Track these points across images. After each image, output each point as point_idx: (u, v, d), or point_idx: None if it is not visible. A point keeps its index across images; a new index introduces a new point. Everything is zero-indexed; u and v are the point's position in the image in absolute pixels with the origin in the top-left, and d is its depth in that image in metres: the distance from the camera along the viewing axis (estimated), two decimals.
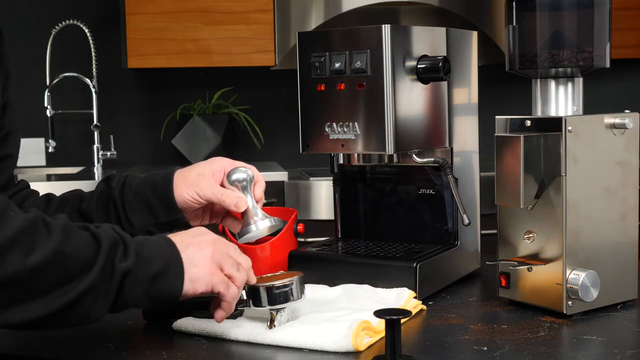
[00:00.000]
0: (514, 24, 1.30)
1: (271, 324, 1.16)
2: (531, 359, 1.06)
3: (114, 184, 1.30)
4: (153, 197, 1.28)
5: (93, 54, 3.52)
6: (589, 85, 1.48)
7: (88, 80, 3.49)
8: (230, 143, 3.54)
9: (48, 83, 3.48)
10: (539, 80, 1.31)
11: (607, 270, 1.27)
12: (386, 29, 1.33)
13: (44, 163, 3.72)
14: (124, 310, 1.04)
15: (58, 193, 1.38)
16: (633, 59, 3.62)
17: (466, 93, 1.51)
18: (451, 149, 1.48)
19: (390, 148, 1.34)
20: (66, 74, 3.47)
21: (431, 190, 1.50)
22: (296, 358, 1.09)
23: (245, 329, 1.16)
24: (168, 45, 3.36)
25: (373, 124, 1.35)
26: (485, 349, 1.10)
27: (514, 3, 1.30)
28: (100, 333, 1.21)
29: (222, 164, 1.30)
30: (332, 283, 1.37)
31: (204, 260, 1.08)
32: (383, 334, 1.08)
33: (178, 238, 1.08)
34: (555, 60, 1.27)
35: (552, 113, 1.30)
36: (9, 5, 3.66)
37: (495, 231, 1.34)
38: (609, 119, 1.28)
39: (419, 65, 1.38)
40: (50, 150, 3.48)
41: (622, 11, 3.44)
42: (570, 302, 1.24)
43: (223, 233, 1.53)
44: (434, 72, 1.37)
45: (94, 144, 3.52)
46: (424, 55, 1.39)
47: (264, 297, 1.16)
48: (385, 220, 1.56)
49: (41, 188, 3.27)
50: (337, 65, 1.36)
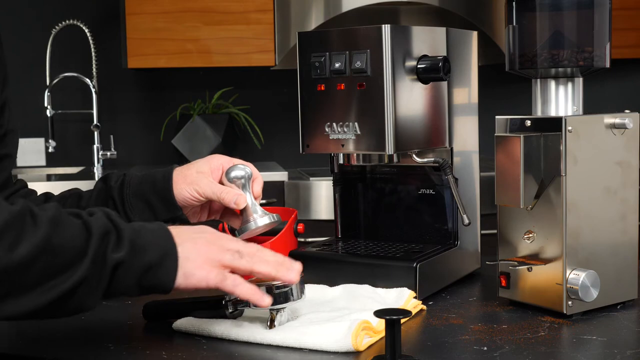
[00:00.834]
0: (514, 24, 1.30)
1: (271, 324, 1.16)
2: (531, 359, 1.06)
3: (112, 183, 1.30)
4: (152, 196, 1.28)
5: (93, 54, 3.52)
6: (589, 85, 1.48)
7: (88, 80, 3.49)
8: (230, 143, 3.54)
9: (48, 83, 3.48)
10: (539, 80, 1.31)
11: (607, 270, 1.27)
12: (386, 29, 1.33)
13: (44, 163, 3.72)
14: (116, 297, 1.04)
15: (58, 192, 1.38)
16: (633, 59, 3.62)
17: (466, 93, 1.51)
18: (451, 149, 1.48)
19: (390, 148, 1.34)
20: (66, 74, 3.47)
21: (431, 190, 1.50)
22: (296, 358, 1.09)
23: (245, 329, 1.16)
24: (168, 45, 3.36)
25: (373, 124, 1.35)
26: (485, 349, 1.10)
27: (514, 3, 1.30)
28: (100, 333, 1.21)
29: (221, 161, 1.31)
30: (332, 283, 1.37)
31: (200, 256, 1.07)
32: (383, 334, 1.08)
33: (177, 231, 1.07)
34: (555, 60, 1.27)
35: (552, 113, 1.30)
36: (9, 5, 3.66)
37: (495, 231, 1.34)
38: (609, 119, 1.28)
39: (419, 65, 1.38)
40: (50, 150, 3.48)
41: (622, 11, 3.44)
42: (570, 302, 1.24)
43: (223, 232, 1.53)
44: (434, 72, 1.37)
45: (94, 144, 3.52)
46: (424, 55, 1.39)
47: None
48: (385, 220, 1.56)
49: (41, 188, 3.25)
50: (337, 65, 1.36)
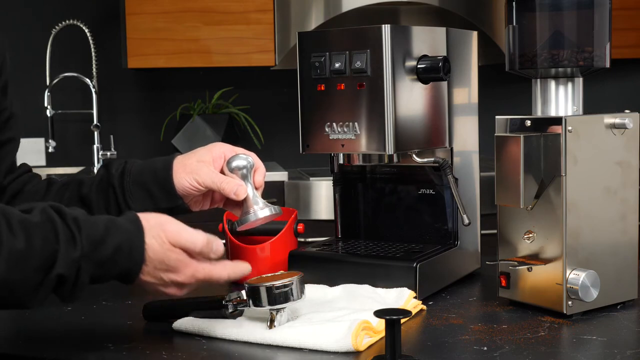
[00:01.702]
0: (514, 24, 1.30)
1: (271, 324, 1.16)
2: (531, 359, 1.06)
3: (113, 170, 1.30)
4: (153, 184, 1.27)
5: (93, 54, 3.52)
6: (589, 85, 1.48)
7: (88, 80, 3.49)
8: (230, 143, 3.49)
9: (48, 83, 3.48)
10: (539, 80, 1.31)
11: (607, 270, 1.27)
12: (386, 29, 1.33)
13: (44, 163, 3.72)
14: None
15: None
16: (633, 59, 3.62)
17: (466, 93, 1.51)
18: (451, 149, 1.48)
19: (390, 148, 1.34)
20: (66, 74, 3.47)
21: (431, 190, 1.50)
22: (296, 358, 1.09)
23: (245, 329, 1.16)
24: (168, 45, 3.36)
25: (373, 124, 1.35)
26: (485, 349, 1.10)
27: (514, 3, 1.30)
28: (100, 333, 1.21)
29: (222, 150, 1.30)
30: (332, 283, 1.37)
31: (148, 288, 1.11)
32: (383, 334, 1.08)
33: (148, 269, 1.08)
34: (555, 60, 1.27)
35: (552, 113, 1.30)
36: (9, 5, 3.66)
37: (495, 231, 1.34)
38: (609, 119, 1.28)
39: (419, 65, 1.38)
40: (50, 150, 3.48)
41: (622, 11, 3.44)
42: (570, 302, 1.24)
43: (223, 233, 1.53)
44: (434, 72, 1.37)
45: (94, 144, 3.52)
46: (424, 55, 1.39)
47: (264, 297, 1.16)
48: (385, 220, 1.56)
49: None
50: (337, 65, 1.36)
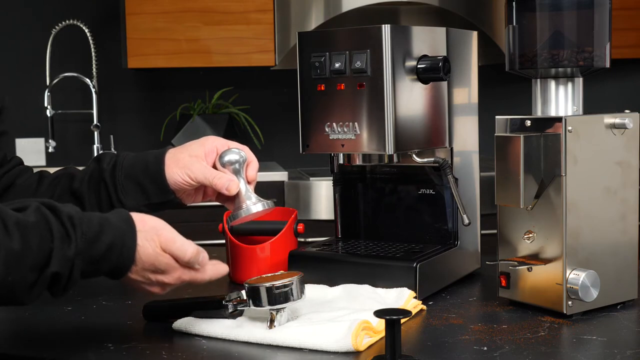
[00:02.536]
0: (514, 24, 1.30)
1: (271, 324, 1.16)
2: (531, 359, 1.06)
3: (105, 164, 1.29)
4: (144, 179, 1.27)
5: (93, 54, 3.52)
6: (589, 85, 1.48)
7: (88, 80, 3.49)
8: None
9: (48, 83, 3.48)
10: (539, 80, 1.31)
11: (607, 270, 1.27)
12: (386, 29, 1.33)
13: (44, 163, 3.72)
14: None
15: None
16: (633, 59, 3.62)
17: (466, 93, 1.51)
18: (451, 149, 1.48)
19: (390, 148, 1.34)
20: (66, 74, 3.47)
21: (431, 190, 1.50)
22: (296, 358, 1.09)
23: (245, 329, 1.16)
24: (168, 45, 3.36)
25: (373, 124, 1.35)
26: (485, 349, 1.10)
27: (514, 3, 1.30)
28: (100, 333, 1.21)
29: (215, 144, 1.28)
30: (332, 283, 1.37)
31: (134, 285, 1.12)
32: (383, 334, 1.08)
33: (137, 269, 1.08)
34: (555, 60, 1.27)
35: (552, 113, 1.30)
36: (9, 5, 3.66)
37: (495, 231, 1.34)
38: (609, 119, 1.28)
39: (419, 65, 1.38)
40: (50, 150, 3.49)
41: (622, 11, 3.44)
42: (570, 302, 1.24)
43: (223, 233, 1.54)
44: (434, 72, 1.37)
45: (94, 144, 3.52)
46: (424, 55, 1.39)
47: (264, 297, 1.16)
48: (385, 220, 1.56)
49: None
50: (337, 65, 1.36)
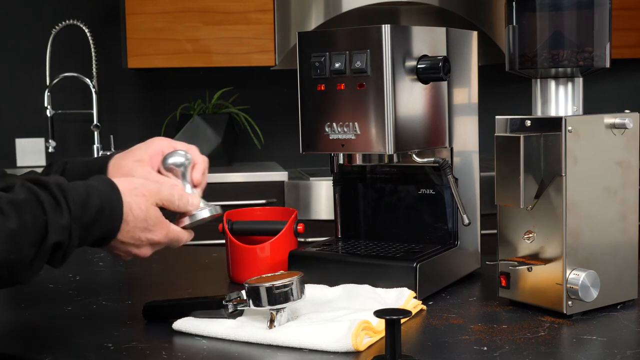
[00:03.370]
0: (514, 24, 1.30)
1: (271, 324, 1.16)
2: (531, 359, 1.06)
3: (53, 172, 1.29)
4: None
5: (93, 54, 3.52)
6: (589, 85, 1.48)
7: (88, 80, 3.49)
8: (230, 143, 3.54)
9: (48, 83, 3.48)
10: (539, 80, 1.31)
11: (607, 270, 1.27)
12: (386, 29, 1.33)
13: (44, 163, 3.72)
14: None
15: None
16: (633, 59, 3.62)
17: (466, 93, 1.51)
18: (451, 149, 1.47)
19: (390, 148, 1.34)
20: (66, 74, 3.47)
21: (431, 190, 1.50)
22: (296, 358, 1.09)
23: (245, 329, 1.16)
24: (168, 45, 3.36)
25: (373, 124, 1.35)
26: (485, 349, 1.10)
27: (514, 3, 1.30)
28: (100, 333, 1.21)
29: (161, 146, 1.23)
30: (332, 283, 1.37)
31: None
32: (383, 334, 1.08)
33: (128, 228, 1.09)
34: (555, 60, 1.27)
35: (552, 113, 1.30)
36: (9, 5, 3.66)
37: (495, 231, 1.34)
38: (609, 119, 1.28)
39: (419, 65, 1.38)
40: (50, 150, 3.48)
41: (622, 11, 3.44)
42: (570, 302, 1.24)
43: (223, 233, 1.53)
44: (434, 72, 1.37)
45: (94, 144, 3.52)
46: (424, 55, 1.39)
47: (264, 297, 1.16)
48: (385, 220, 1.56)
49: None
50: (337, 65, 1.36)
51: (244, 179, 3.23)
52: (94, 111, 3.51)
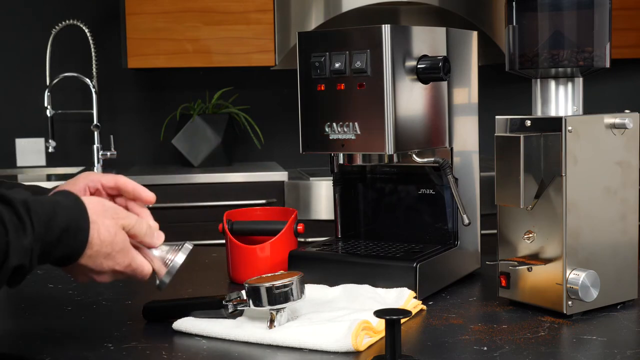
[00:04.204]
0: (514, 24, 1.30)
1: (271, 324, 1.16)
2: (531, 359, 1.06)
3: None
4: None
5: (93, 54, 3.52)
6: (589, 85, 1.48)
7: (88, 80, 3.49)
8: (230, 143, 3.54)
9: (48, 83, 3.48)
10: (539, 80, 1.31)
11: (607, 270, 1.27)
12: (386, 29, 1.33)
13: (44, 163, 3.72)
14: None
15: None
16: (633, 59, 3.62)
17: (466, 93, 1.51)
18: (451, 149, 1.48)
19: (390, 148, 1.34)
20: (66, 74, 3.47)
21: (431, 190, 1.50)
22: (296, 358, 1.09)
23: (245, 329, 1.16)
24: (168, 45, 3.36)
25: (373, 124, 1.35)
26: (485, 349, 1.10)
27: (514, 3, 1.30)
28: (100, 333, 1.21)
29: (86, 182, 1.18)
30: (332, 283, 1.37)
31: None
32: (383, 334, 1.08)
33: (91, 252, 1.04)
34: (555, 60, 1.27)
35: (552, 113, 1.30)
36: (9, 5, 3.66)
37: (495, 231, 1.34)
38: (609, 119, 1.28)
39: (419, 65, 1.38)
40: (50, 150, 3.48)
41: (622, 11, 3.44)
42: (570, 302, 1.24)
43: (223, 233, 1.54)
44: (434, 72, 1.37)
45: (94, 144, 3.52)
46: (424, 55, 1.39)
47: (264, 297, 1.16)
48: (385, 220, 1.56)
49: None
50: (337, 65, 1.36)
51: (244, 179, 3.23)
52: (94, 111, 3.51)
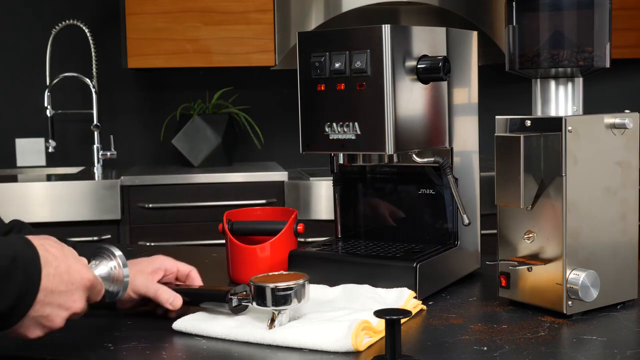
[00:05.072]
0: (514, 24, 1.30)
1: (271, 324, 1.16)
2: (531, 359, 1.06)
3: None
4: None
5: (93, 54, 3.52)
6: (589, 85, 1.48)
7: (88, 80, 3.49)
8: (230, 143, 3.54)
9: (48, 83, 3.48)
10: (539, 80, 1.31)
11: (607, 270, 1.27)
12: (386, 29, 1.33)
13: (44, 163, 3.72)
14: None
15: (58, 192, 1.37)
16: (633, 59, 3.62)
17: (466, 93, 1.51)
18: (451, 149, 1.48)
19: (390, 148, 1.34)
20: (66, 74, 3.47)
21: (431, 190, 1.50)
22: (296, 358, 1.09)
23: (245, 329, 1.16)
24: (168, 45, 3.36)
25: (373, 124, 1.35)
26: (485, 349, 1.10)
27: (514, 3, 1.30)
28: (100, 333, 1.21)
29: (164, 264, 1.32)
30: (332, 283, 1.37)
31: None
32: (383, 334, 1.08)
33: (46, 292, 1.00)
34: (555, 60, 1.27)
35: (552, 113, 1.30)
36: (9, 5, 3.66)
37: (495, 231, 1.34)
38: (609, 119, 1.28)
39: (419, 65, 1.38)
40: (50, 150, 3.48)
41: (622, 11, 3.44)
42: (570, 302, 1.24)
43: (223, 233, 1.53)
44: (434, 72, 1.37)
45: (94, 144, 3.52)
46: (424, 55, 1.39)
47: (268, 297, 1.16)
48: (385, 220, 1.56)
49: (41, 188, 3.24)
50: (337, 65, 1.36)
51: (244, 179, 3.23)
52: (94, 111, 3.51)
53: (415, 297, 1.31)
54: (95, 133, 3.51)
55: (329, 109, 1.39)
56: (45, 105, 3.47)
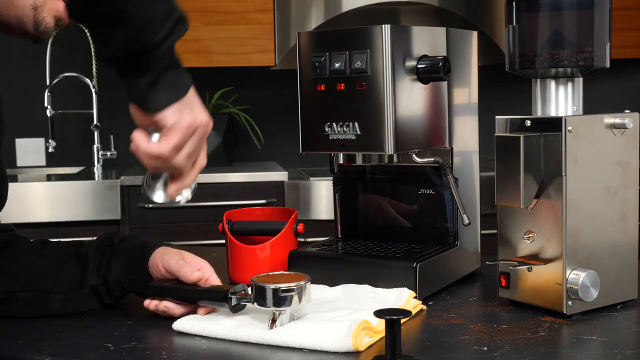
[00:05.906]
0: (514, 24, 1.30)
1: (272, 324, 1.16)
2: (531, 359, 1.06)
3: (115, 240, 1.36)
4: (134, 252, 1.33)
5: (93, 54, 3.52)
6: (589, 85, 1.48)
7: (88, 80, 3.49)
8: (230, 143, 3.54)
9: (48, 83, 3.48)
10: (539, 80, 1.31)
11: (607, 270, 1.27)
12: (386, 29, 1.33)
13: (44, 163, 3.72)
14: None
15: (58, 192, 1.38)
16: (633, 59, 3.62)
17: (466, 93, 1.51)
18: (451, 149, 1.48)
19: (390, 148, 1.34)
20: (66, 74, 3.47)
21: (431, 190, 1.50)
22: (296, 358, 1.09)
23: (245, 329, 1.16)
24: None
25: (373, 124, 1.35)
26: (485, 349, 1.10)
27: (514, 3, 1.30)
28: (100, 333, 1.21)
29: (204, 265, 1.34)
30: (332, 283, 1.37)
31: None
32: (383, 334, 1.08)
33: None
34: (555, 60, 1.27)
35: (552, 113, 1.30)
36: None
37: (495, 231, 1.34)
38: (609, 119, 1.28)
39: (419, 65, 1.38)
40: (50, 150, 3.48)
41: (622, 11, 3.44)
42: (570, 302, 1.24)
43: (223, 233, 1.53)
44: (434, 72, 1.37)
45: (94, 144, 3.52)
46: (424, 55, 1.39)
47: (269, 298, 1.16)
48: (385, 220, 1.56)
49: (41, 188, 3.24)
50: (337, 65, 1.36)
51: (244, 179, 3.23)
52: (94, 111, 3.51)
53: (415, 297, 1.31)
54: (95, 133, 3.52)
55: (329, 109, 1.39)
56: (46, 105, 3.46)
